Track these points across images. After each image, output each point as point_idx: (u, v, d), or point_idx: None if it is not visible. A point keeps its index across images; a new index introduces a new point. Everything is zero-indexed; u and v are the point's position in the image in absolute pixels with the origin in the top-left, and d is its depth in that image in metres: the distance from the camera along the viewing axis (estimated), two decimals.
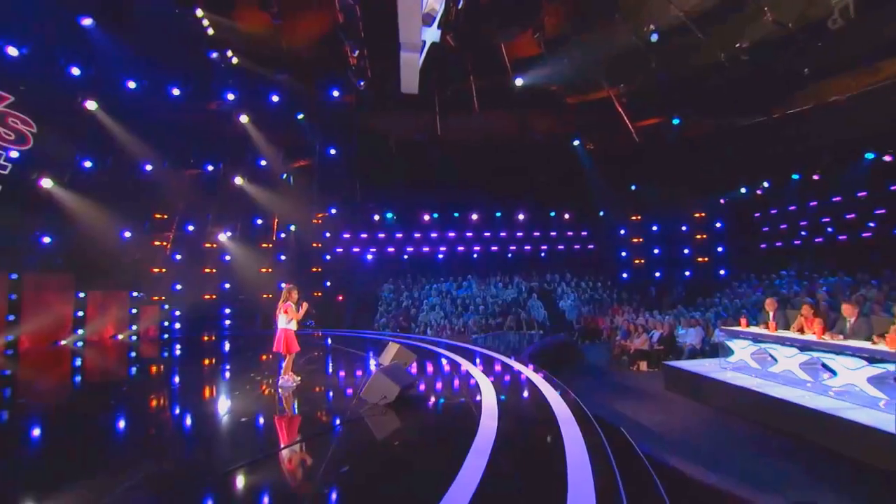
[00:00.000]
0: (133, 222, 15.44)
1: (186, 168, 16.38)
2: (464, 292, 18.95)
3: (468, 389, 7.21)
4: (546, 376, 7.68)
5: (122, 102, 13.26)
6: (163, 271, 16.48)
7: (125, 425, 6.20)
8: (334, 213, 20.49)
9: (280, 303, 7.82)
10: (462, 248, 21.80)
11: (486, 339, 15.08)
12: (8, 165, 11.60)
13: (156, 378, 9.58)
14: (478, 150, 18.60)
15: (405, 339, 13.59)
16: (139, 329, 15.25)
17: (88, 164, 13.78)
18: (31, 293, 12.89)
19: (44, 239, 13.51)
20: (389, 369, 6.64)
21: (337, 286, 20.05)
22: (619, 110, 16.50)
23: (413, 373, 8.50)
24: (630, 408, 8.22)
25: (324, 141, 17.87)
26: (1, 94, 11.33)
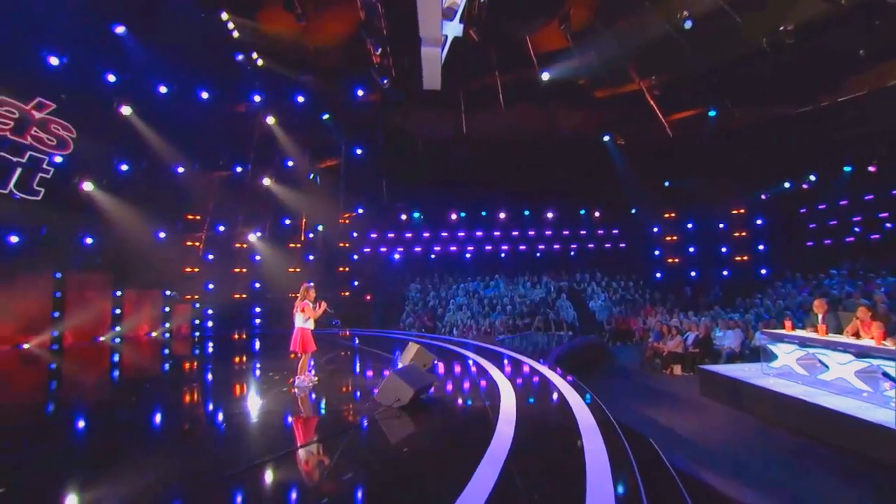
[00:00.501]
0: (167, 223, 15.83)
1: (216, 170, 16.63)
2: (491, 292, 18.55)
3: (487, 393, 6.84)
4: (570, 379, 7.22)
5: (154, 107, 13.58)
6: (195, 271, 16.80)
7: (133, 421, 6.12)
8: (361, 213, 20.50)
9: (297, 301, 7.65)
10: (490, 247, 21.39)
11: (514, 339, 14.56)
12: (51, 170, 12.01)
13: (179, 376, 9.64)
14: (505, 147, 18.15)
15: (430, 339, 13.40)
16: (172, 327, 15.58)
17: (125, 167, 14.17)
18: (73, 291, 13.34)
19: (87, 240, 13.94)
20: (404, 371, 6.35)
21: (364, 286, 20.03)
22: (650, 103, 15.74)
23: (435, 374, 8.21)
24: (662, 414, 7.66)
25: (350, 141, 17.88)
26: (44, 101, 11.74)
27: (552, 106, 17.12)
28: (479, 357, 9.87)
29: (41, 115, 11.80)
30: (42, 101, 11.78)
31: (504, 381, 7.34)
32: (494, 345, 11.88)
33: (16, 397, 7.78)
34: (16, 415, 6.54)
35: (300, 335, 7.50)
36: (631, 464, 3.98)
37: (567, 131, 18.29)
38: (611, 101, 16.64)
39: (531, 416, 5.64)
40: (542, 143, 18.32)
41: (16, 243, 12.26)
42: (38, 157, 11.86)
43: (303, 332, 7.52)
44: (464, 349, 11.04)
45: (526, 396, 6.67)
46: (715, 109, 15.74)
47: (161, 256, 15.00)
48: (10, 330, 12.18)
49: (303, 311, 7.56)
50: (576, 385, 6.85)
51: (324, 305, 7.74)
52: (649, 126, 16.60)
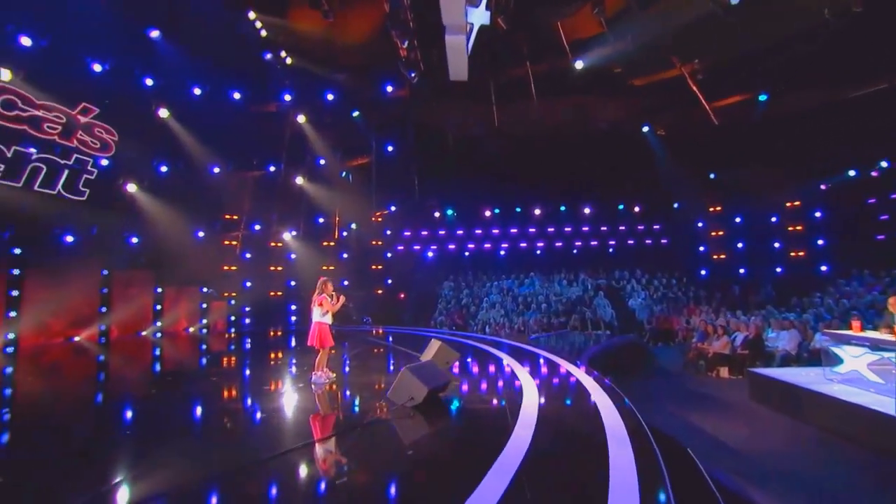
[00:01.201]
0: (205, 223, 16.18)
1: (250, 169, 16.79)
2: (526, 290, 18.01)
3: (509, 393, 6.31)
4: (600, 380, 6.57)
5: (189, 109, 13.84)
6: (233, 269, 17.05)
7: (144, 415, 5.96)
8: (394, 211, 20.33)
9: (314, 295, 7.38)
10: (524, 244, 20.77)
11: (549, 338, 13.99)
12: (94, 171, 12.45)
13: (203, 370, 9.59)
14: (538, 141, 17.55)
15: (460, 337, 13.02)
16: (209, 323, 15.90)
17: (164, 168, 14.53)
18: (118, 288, 13.81)
19: (132, 239, 14.39)
20: (418, 368, 5.91)
21: (398, 284, 19.89)
22: (693, 89, 14.64)
23: (455, 372, 7.75)
24: (707, 421, 6.87)
25: (380, 137, 17.70)
26: (88, 106, 12.16)
27: (587, 96, 16.33)
28: (508, 356, 9.35)
29: (86, 120, 12.23)
30: (87, 106, 12.20)
31: (529, 382, 6.78)
32: (527, 343, 11.34)
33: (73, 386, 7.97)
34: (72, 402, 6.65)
35: (317, 330, 7.21)
36: (663, 478, 3.38)
37: (603, 122, 17.46)
38: (649, 89, 15.63)
39: (553, 421, 5.08)
40: (578, 136, 17.58)
41: (70, 243, 12.76)
42: (84, 160, 12.27)
43: (320, 326, 7.23)
44: (493, 347, 10.56)
45: (551, 398, 6.09)
46: (766, 93, 14.42)
47: (199, 255, 15.27)
48: (63, 324, 12.70)
49: (320, 305, 7.28)
50: (609, 387, 6.21)
51: (342, 299, 7.42)
52: (692, 114, 15.51)
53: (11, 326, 11.43)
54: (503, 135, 17.25)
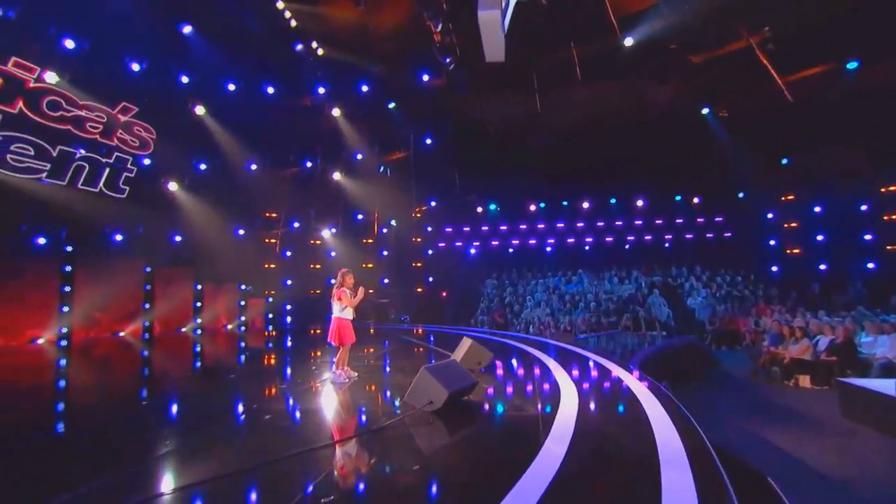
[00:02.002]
0: (246, 221, 16.35)
1: (286, 166, 16.78)
2: (574, 288, 17.09)
3: (545, 400, 5.55)
4: (654, 387, 5.65)
5: (224, 105, 13.95)
6: (272, 267, 17.14)
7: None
8: (435, 206, 19.87)
9: (334, 289, 6.92)
10: (572, 239, 19.73)
11: (598, 339, 13.05)
12: (134, 169, 12.75)
13: (223, 368, 9.42)
14: (586, 129, 16.45)
15: (501, 336, 12.42)
16: (247, 320, 16.03)
17: (203, 166, 14.76)
18: (161, 285, 14.15)
19: (176, 238, 14.66)
20: (439, 368, 5.28)
21: (439, 282, 19.46)
22: (763, 62, 13.06)
23: (489, 374, 7.05)
24: (788, 439, 5.76)
25: (418, 130, 17.19)
26: (128, 105, 12.47)
27: (638, 78, 15.10)
28: (549, 357, 8.57)
29: (126, 119, 12.55)
30: (127, 105, 12.52)
31: (570, 387, 5.96)
32: (572, 344, 10.50)
33: (120, 380, 8.09)
34: (118, 395, 6.65)
35: (337, 326, 6.75)
36: None
37: (657, 106, 16.10)
38: (710, 66, 14.19)
39: (593, 435, 4.28)
40: (629, 122, 16.36)
41: (117, 240, 13.20)
42: (124, 158, 12.58)
43: (340, 322, 6.76)
44: (534, 348, 9.80)
45: (593, 407, 5.27)
46: (857, 60, 12.56)
47: (239, 252, 15.41)
48: (110, 319, 13.12)
49: (339, 300, 6.81)
50: (664, 395, 5.30)
51: (361, 292, 6.91)
52: (760, 91, 13.91)
53: (65, 321, 11.87)
54: (547, 123, 16.37)
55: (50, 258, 11.90)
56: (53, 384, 7.60)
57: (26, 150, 10.61)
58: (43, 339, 11.56)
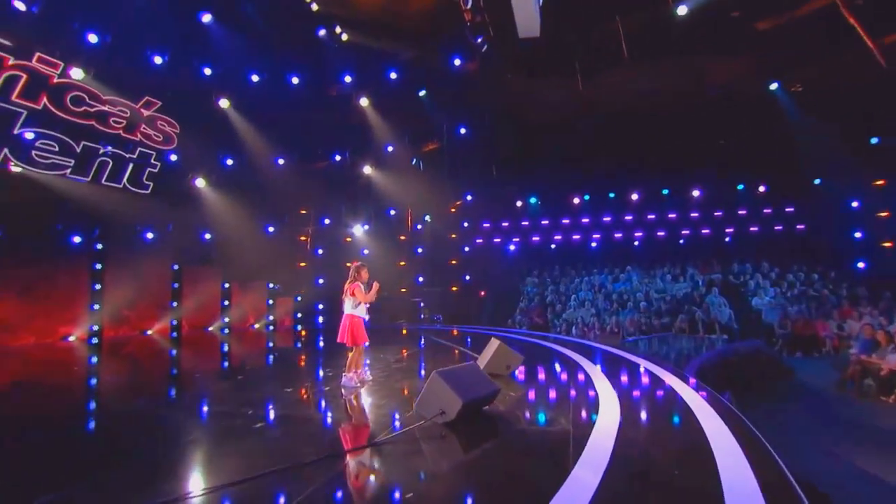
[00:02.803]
0: (275, 217, 16.27)
1: (314, 160, 16.54)
2: (622, 286, 16.11)
3: (579, 413, 4.83)
4: (714, 400, 4.80)
5: (248, 97, 13.85)
6: (302, 265, 17.02)
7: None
8: (471, 200, 19.22)
9: (346, 283, 6.44)
10: (620, 234, 18.66)
11: (649, 342, 12.33)
12: (158, 164, 12.85)
13: (238, 368, 9.19)
14: (635, 113, 15.39)
15: (539, 338, 11.74)
16: (275, 319, 15.98)
17: (230, 161, 14.74)
18: (188, 283, 14.29)
19: (206, 235, 14.81)
20: (454, 373, 4.67)
21: (477, 280, 18.82)
22: (851, 22, 11.50)
23: (516, 379, 6.37)
24: (888, 467, 4.74)
25: (452, 119, 16.56)
26: (151, 100, 12.60)
27: (694, 51, 13.85)
28: (591, 361, 7.80)
29: (149, 113, 12.67)
30: (150, 100, 12.64)
31: (612, 398, 5.21)
32: (619, 348, 9.68)
33: (132, 380, 8.05)
34: (115, 398, 6.56)
35: (349, 324, 6.28)
36: None
37: (717, 83, 14.77)
38: (780, 34, 12.70)
39: (635, 460, 3.54)
40: (684, 103, 15.24)
41: (147, 238, 13.42)
42: (147, 153, 12.70)
43: (352, 320, 6.29)
44: (574, 351, 9.06)
45: (638, 424, 4.51)
46: None
47: (268, 250, 15.33)
48: (138, 317, 13.37)
49: (352, 295, 6.33)
50: (727, 410, 4.46)
51: (376, 287, 6.40)
52: (844, 59, 12.35)
53: (95, 318, 12.15)
54: (591, 108, 15.38)
55: (82, 256, 12.17)
56: (62, 383, 7.55)
57: (51, 147, 10.84)
58: (74, 337, 11.85)
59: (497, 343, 6.78)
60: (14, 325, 11.03)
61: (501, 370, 6.59)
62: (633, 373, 6.98)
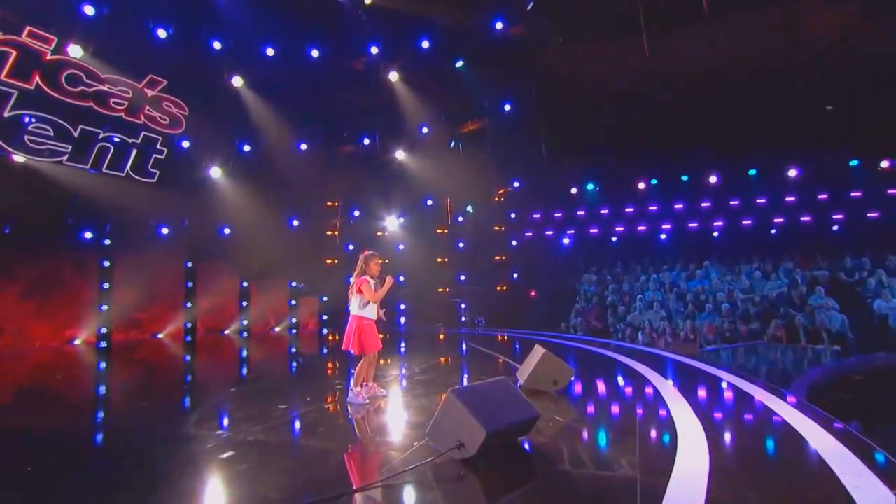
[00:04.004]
0: (299, 210, 16.04)
1: (340, 144, 16.20)
2: (698, 284, 15.06)
3: (650, 451, 3.90)
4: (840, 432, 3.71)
5: (263, 75, 13.52)
6: (330, 263, 16.72)
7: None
8: (519, 188, 18.49)
9: (353, 277, 5.77)
10: (695, 223, 17.28)
11: (733, 352, 11.38)
12: (165, 150, 12.68)
13: (237, 379, 8.72)
14: (716, 80, 14.07)
15: (598, 346, 10.85)
16: (299, 321, 15.71)
17: (247, 148, 14.51)
18: (203, 282, 14.15)
19: (225, 230, 14.64)
20: (477, 393, 3.86)
21: (526, 278, 18.22)
22: None
23: (567, 395, 5.45)
24: None
25: (495, 93, 15.81)
26: (156, 78, 12.51)
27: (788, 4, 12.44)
28: (663, 377, 6.80)
29: (153, 93, 12.48)
30: (154, 78, 12.45)
31: (695, 429, 4.21)
32: (697, 359, 8.65)
33: (124, 391, 7.77)
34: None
35: (356, 328, 5.61)
36: None
37: (821, 38, 13.20)
38: None
39: None
40: (777, 65, 13.62)
41: (156, 232, 13.36)
42: (152, 138, 12.47)
43: (359, 323, 5.62)
44: (641, 362, 8.13)
45: (736, 469, 3.50)
46: None
47: (291, 246, 15.08)
48: (149, 319, 13.32)
49: (359, 293, 5.62)
50: (858, 446, 3.38)
51: (389, 283, 5.69)
52: None
53: (103, 320, 12.12)
54: (661, 76, 14.24)
55: (89, 253, 12.17)
56: (52, 393, 7.28)
57: (45, 131, 10.67)
58: (80, 340, 11.91)
59: (542, 351, 5.91)
60: (17, 328, 11.11)
61: (546, 386, 5.77)
62: (721, 393, 5.89)
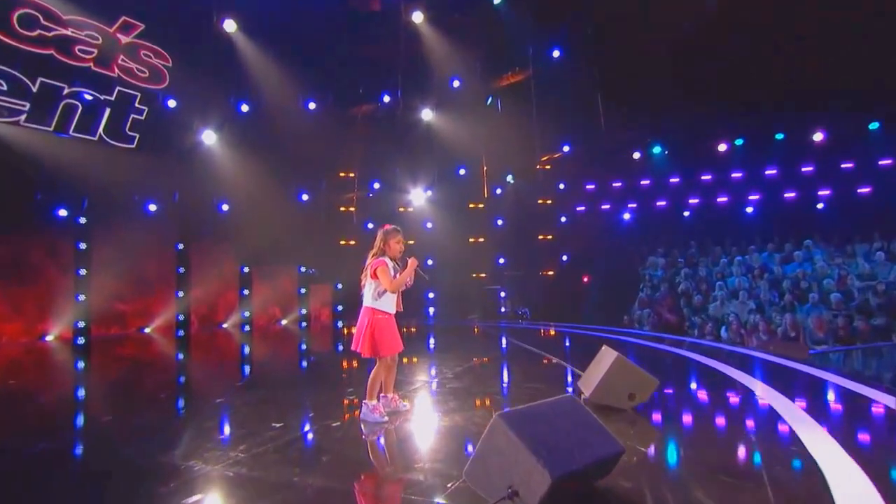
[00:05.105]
0: (309, 182, 16.06)
1: (356, 103, 16.07)
2: (798, 269, 14.38)
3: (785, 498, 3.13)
4: None
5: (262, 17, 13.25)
6: (345, 244, 16.64)
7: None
8: (570, 152, 18.12)
9: (368, 258, 5.17)
10: (793, 192, 16.30)
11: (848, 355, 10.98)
12: (144, 109, 12.39)
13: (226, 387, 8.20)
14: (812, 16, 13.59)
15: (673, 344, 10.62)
16: (310, 313, 15.66)
17: (245, 108, 14.31)
18: (198, 268, 13.99)
19: (222, 206, 14.61)
20: (536, 418, 3.19)
21: (579, 262, 18.04)
22: None
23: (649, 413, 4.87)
24: None
25: (540, 38, 15.57)
26: (130, 21, 12.10)
27: None
28: (773, 389, 6.01)
29: (128, 40, 12.07)
30: (129, 21, 12.01)
31: (849, 470, 3.43)
32: (809, 364, 8.02)
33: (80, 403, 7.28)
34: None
35: (368, 324, 4.97)
36: None
37: None
38: None
39: None
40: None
41: (150, 212, 13.33)
42: (129, 94, 12.06)
43: (373, 318, 4.98)
44: (735, 367, 7.46)
45: None
46: None
47: (300, 225, 15.10)
48: (132, 310, 13.15)
49: (374, 278, 4.99)
50: None
51: (413, 266, 5.12)
52: None
53: (80, 313, 11.92)
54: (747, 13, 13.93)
55: (63, 234, 11.96)
56: None
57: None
58: (53, 336, 11.78)
59: (613, 355, 5.21)
60: None
61: (620, 401, 5.08)
62: (871, 415, 5.01)
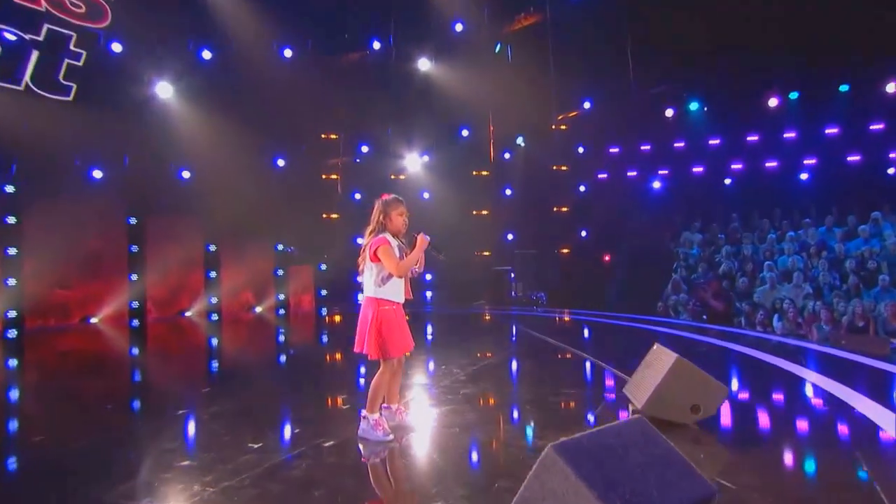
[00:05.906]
0: (286, 144, 16.02)
1: (341, 50, 16.08)
2: (864, 246, 14.32)
3: None
4: None
5: None
6: (329, 217, 16.86)
7: None
8: (591, 109, 18.14)
9: (366, 236, 4.76)
10: (856, 156, 16.15)
11: None
12: (82, 53, 11.99)
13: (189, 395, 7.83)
14: None
15: (720, 336, 10.62)
16: (288, 299, 15.69)
17: (207, 54, 14.05)
18: (154, 245, 13.84)
19: (183, 173, 14.42)
20: (602, 452, 2.66)
21: (601, 238, 18.24)
22: None
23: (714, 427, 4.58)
24: None
25: None
26: None
27: None
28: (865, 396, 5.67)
29: None
30: None
31: None
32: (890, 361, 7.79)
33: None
34: None
35: (372, 318, 4.54)
36: None
37: None
38: None
39: None
40: None
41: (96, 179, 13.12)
42: (62, 34, 11.70)
43: (377, 310, 4.57)
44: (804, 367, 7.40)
45: None
46: None
47: (276, 195, 14.99)
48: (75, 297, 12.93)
49: (375, 260, 4.58)
50: None
51: (421, 244, 4.71)
52: None
53: (11, 300, 11.65)
54: None
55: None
56: None
57: None
58: None
59: (672, 357, 4.79)
60: None
61: (681, 415, 4.72)
62: None
